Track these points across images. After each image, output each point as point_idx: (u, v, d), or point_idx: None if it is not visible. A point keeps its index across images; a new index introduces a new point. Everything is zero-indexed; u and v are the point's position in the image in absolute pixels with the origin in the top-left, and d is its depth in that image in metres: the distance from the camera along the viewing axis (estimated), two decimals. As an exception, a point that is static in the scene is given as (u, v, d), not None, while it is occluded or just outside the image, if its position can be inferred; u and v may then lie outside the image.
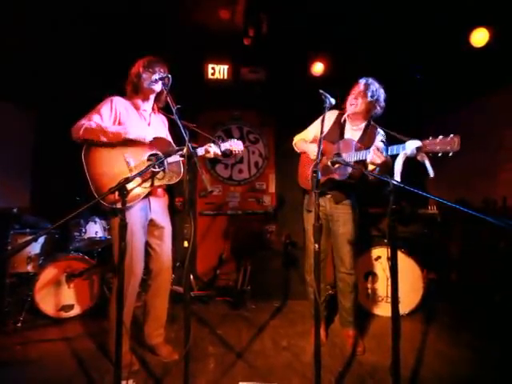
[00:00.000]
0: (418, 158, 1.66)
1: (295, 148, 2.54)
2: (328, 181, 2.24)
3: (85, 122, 1.93)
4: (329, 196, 2.32)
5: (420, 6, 2.94)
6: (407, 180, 1.72)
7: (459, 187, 3.92)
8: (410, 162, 1.77)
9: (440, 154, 1.58)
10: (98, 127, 1.91)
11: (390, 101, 2.32)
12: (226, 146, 2.21)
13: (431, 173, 1.65)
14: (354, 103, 2.23)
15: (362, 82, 2.23)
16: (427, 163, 1.65)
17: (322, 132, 1.83)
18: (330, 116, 2.36)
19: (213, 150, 2.16)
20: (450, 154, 1.55)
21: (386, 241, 2.89)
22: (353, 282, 2.34)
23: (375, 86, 2.21)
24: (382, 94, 2.22)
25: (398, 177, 1.75)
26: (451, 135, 1.54)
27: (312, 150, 2.32)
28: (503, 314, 2.83)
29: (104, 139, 1.92)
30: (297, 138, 2.54)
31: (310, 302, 2.48)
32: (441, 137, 1.57)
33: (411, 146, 1.65)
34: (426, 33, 3.21)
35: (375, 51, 3.48)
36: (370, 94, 2.17)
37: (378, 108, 2.23)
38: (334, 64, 3.79)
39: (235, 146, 2.24)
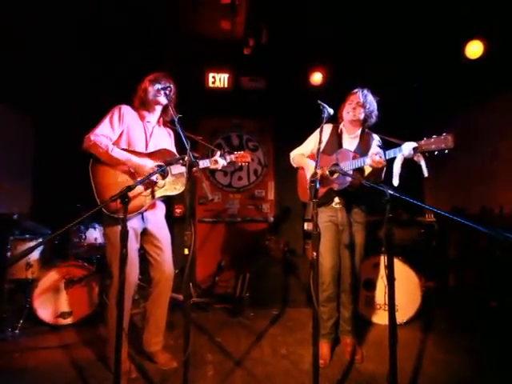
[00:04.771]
0: (415, 158, 1.74)
1: (292, 163, 2.53)
2: (328, 191, 2.24)
3: (96, 137, 1.98)
4: (339, 206, 2.30)
5: (417, 19, 3.02)
6: (406, 186, 1.77)
7: (457, 194, 3.95)
8: (408, 167, 1.82)
9: (436, 153, 1.65)
10: (105, 148, 1.97)
11: (388, 110, 2.37)
12: (231, 158, 2.28)
13: (426, 173, 1.73)
14: (353, 112, 2.28)
15: (360, 92, 2.28)
16: (423, 164, 1.73)
17: (320, 142, 1.86)
18: (326, 129, 2.38)
19: (221, 162, 2.21)
20: (446, 151, 1.62)
21: (383, 249, 2.91)
22: (355, 294, 2.35)
23: (371, 97, 2.29)
24: (375, 104, 2.31)
25: (396, 178, 1.81)
26: (444, 134, 1.62)
27: (309, 165, 2.32)
28: (500, 320, 2.84)
29: (107, 162, 2.00)
30: (295, 153, 2.52)
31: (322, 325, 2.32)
32: (435, 136, 1.65)
33: (408, 147, 1.73)
34: (422, 43, 3.28)
35: (374, 61, 3.54)
36: (368, 105, 2.26)
37: (374, 117, 2.32)
38: (333, 74, 3.85)
39: (241, 158, 2.30)
